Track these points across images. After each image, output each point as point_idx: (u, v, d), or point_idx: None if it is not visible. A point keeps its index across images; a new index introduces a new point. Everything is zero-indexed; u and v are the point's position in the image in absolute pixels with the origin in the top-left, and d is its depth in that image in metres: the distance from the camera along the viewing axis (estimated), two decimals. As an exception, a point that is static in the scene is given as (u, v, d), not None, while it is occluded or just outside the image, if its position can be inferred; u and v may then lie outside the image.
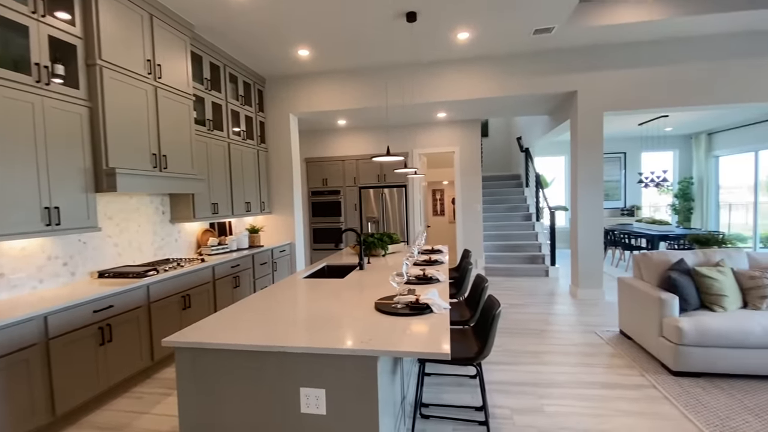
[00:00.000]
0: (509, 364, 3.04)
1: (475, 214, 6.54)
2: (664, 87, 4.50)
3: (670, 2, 3.88)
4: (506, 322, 4.03)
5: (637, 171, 9.15)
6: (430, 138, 6.60)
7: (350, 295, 2.21)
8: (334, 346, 1.45)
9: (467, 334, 2.18)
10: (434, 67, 4.90)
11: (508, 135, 9.71)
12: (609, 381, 2.72)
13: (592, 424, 2.22)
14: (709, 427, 2.15)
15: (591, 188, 4.75)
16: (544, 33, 4.15)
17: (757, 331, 2.59)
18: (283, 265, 5.10)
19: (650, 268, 3.26)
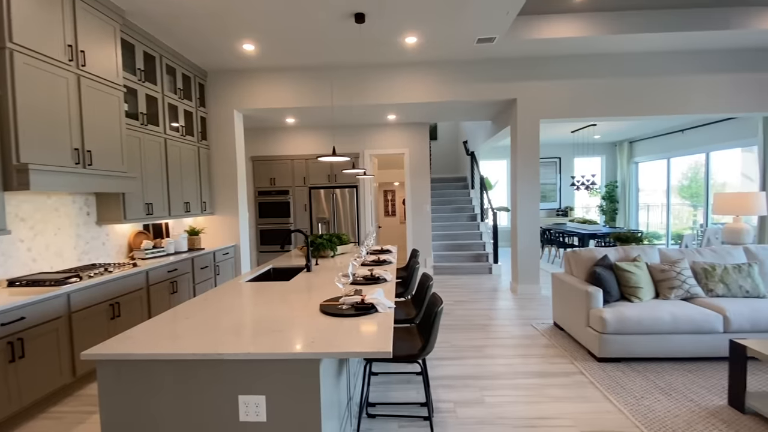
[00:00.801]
0: (455, 359, 3.15)
1: (424, 215, 6.71)
2: (594, 98, 4.92)
3: (599, 21, 4.25)
4: (453, 319, 4.18)
5: (570, 175, 9.91)
6: (381, 139, 6.66)
7: (295, 298, 2.17)
8: (274, 350, 1.41)
9: (412, 332, 2.24)
10: (384, 70, 4.96)
11: (455, 139, 10.08)
12: (543, 370, 2.92)
13: (527, 411, 2.37)
14: (626, 406, 2.39)
15: (529, 191, 5.07)
16: (487, 42, 4.36)
17: (666, 319, 2.93)
18: (226, 268, 4.87)
19: (579, 264, 3.55)
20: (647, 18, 4.20)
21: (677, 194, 8.85)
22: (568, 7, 4.14)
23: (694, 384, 2.65)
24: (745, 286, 3.19)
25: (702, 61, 4.79)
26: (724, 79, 4.80)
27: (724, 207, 4.24)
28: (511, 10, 3.67)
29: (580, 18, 4.27)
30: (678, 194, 8.87)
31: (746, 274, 3.23)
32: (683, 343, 2.95)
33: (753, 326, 2.92)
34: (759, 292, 3.18)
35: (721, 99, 4.81)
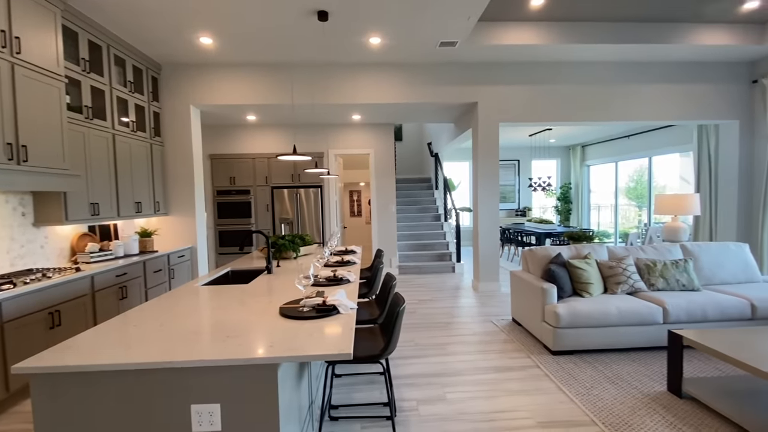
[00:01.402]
0: (418, 357, 3.19)
1: (389, 215, 6.74)
2: (549, 104, 5.16)
3: (553, 30, 4.46)
4: (417, 317, 4.23)
5: (528, 176, 10.34)
6: (345, 139, 6.62)
7: (254, 301, 2.10)
8: (229, 356, 1.36)
9: (375, 332, 2.23)
10: (349, 69, 4.93)
11: (420, 140, 10.22)
12: (501, 365, 3.02)
13: (486, 405, 2.44)
14: (577, 396, 2.52)
15: (489, 192, 5.24)
16: (449, 46, 4.45)
17: (613, 312, 3.12)
18: (182, 271, 4.65)
19: (535, 262, 3.71)
20: (597, 29, 4.47)
21: (624, 195, 9.48)
22: (525, 15, 4.31)
23: (637, 372, 2.84)
24: (682, 280, 3.47)
25: (645, 72, 5.16)
26: (664, 90, 5.19)
27: (664, 207, 4.59)
28: (472, 15, 3.77)
29: (536, 26, 4.46)
30: (625, 195, 9.49)
31: (683, 269, 3.51)
32: (629, 335, 3.15)
33: (689, 317, 3.18)
34: (693, 285, 3.47)
35: (661, 108, 5.20)
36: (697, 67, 5.21)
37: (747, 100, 5.26)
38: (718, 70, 5.23)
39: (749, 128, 5.28)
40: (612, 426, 2.19)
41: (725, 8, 4.22)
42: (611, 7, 4.16)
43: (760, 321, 3.24)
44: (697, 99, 5.22)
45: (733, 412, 2.17)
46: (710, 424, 2.18)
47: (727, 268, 3.75)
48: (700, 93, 5.22)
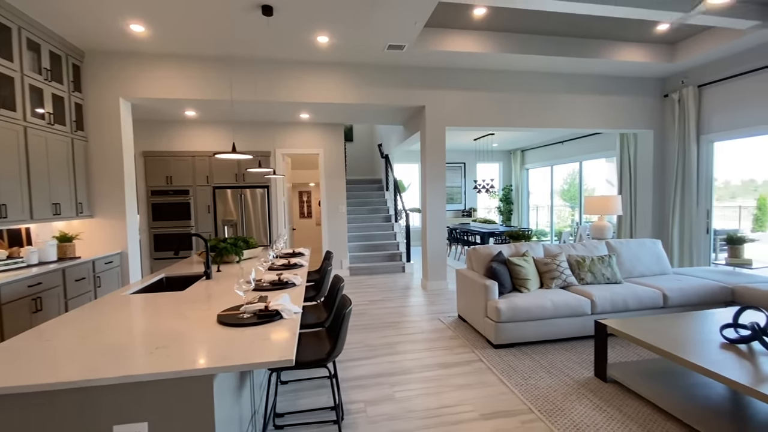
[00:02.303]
0: (367, 359, 3.18)
1: (340, 216, 6.68)
2: (492, 109, 5.42)
3: (494, 40, 4.69)
4: (367, 318, 4.22)
5: (473, 179, 10.79)
6: (294, 138, 6.46)
7: (190, 310, 1.97)
8: (157, 370, 1.25)
9: (321, 336, 2.19)
10: (296, 67, 4.81)
11: (371, 141, 10.26)
12: (447, 361, 3.11)
13: (432, 401, 2.50)
14: (516, 386, 2.66)
15: (436, 193, 5.38)
16: (397, 49, 4.51)
17: (548, 306, 3.34)
18: (110, 279, 4.25)
19: (478, 260, 3.87)
20: (532, 41, 4.77)
21: (559, 197, 10.23)
22: (469, 24, 4.49)
23: (569, 360, 3.06)
24: (606, 274, 3.81)
25: (575, 83, 5.60)
26: (591, 100, 5.67)
27: (592, 208, 5.01)
28: (418, 21, 3.85)
29: (479, 35, 4.67)
30: (560, 197, 10.24)
31: (607, 264, 3.86)
32: (562, 326, 3.40)
33: (612, 307, 3.49)
34: (616, 278, 3.82)
35: (589, 117, 5.68)
36: (619, 81, 5.76)
37: (660, 112, 5.91)
38: (636, 84, 5.82)
39: (662, 137, 5.94)
40: (546, 412, 2.33)
41: (642, 29, 4.70)
42: (544, 22, 4.46)
43: (671, 309, 3.65)
44: (619, 110, 5.77)
45: (649, 392, 2.42)
46: (631, 405, 2.40)
47: (644, 262, 4.18)
48: (621, 105, 5.78)
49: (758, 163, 8.89)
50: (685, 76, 5.58)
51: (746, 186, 9.67)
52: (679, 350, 2.23)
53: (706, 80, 5.29)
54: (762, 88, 4.67)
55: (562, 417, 2.28)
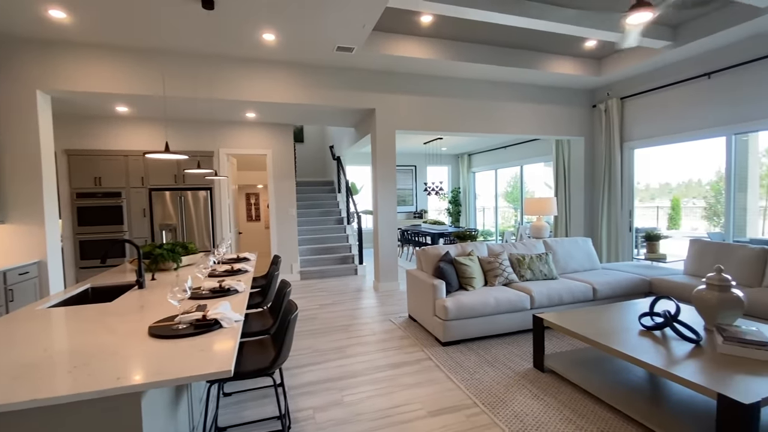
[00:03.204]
0: (317, 364, 3.13)
1: (290, 219, 6.52)
2: (439, 114, 5.58)
3: (441, 47, 4.84)
4: (317, 323, 4.15)
5: (423, 181, 11.05)
6: (239, 138, 6.20)
7: (118, 322, 1.81)
8: (75, 390, 1.14)
9: (266, 344, 2.12)
10: (241, 64, 4.63)
11: (322, 143, 10.13)
12: (398, 361, 3.15)
13: (382, 403, 2.51)
14: (463, 382, 2.76)
15: (387, 195, 5.44)
16: (346, 51, 4.50)
17: (491, 303, 3.50)
18: (25, 292, 3.79)
19: (427, 260, 3.96)
20: (477, 51, 4.99)
21: (503, 199, 10.78)
22: (417, 30, 4.60)
23: (511, 354, 3.23)
24: (544, 271, 4.07)
25: (516, 92, 5.94)
26: (530, 108, 6.05)
27: (531, 209, 5.34)
28: (367, 24, 3.87)
29: (427, 42, 4.79)
30: (504, 199, 10.80)
31: (544, 262, 4.12)
32: (504, 321, 3.57)
33: (549, 302, 3.73)
34: (553, 275, 4.10)
35: (527, 124, 6.06)
36: (554, 92, 6.20)
37: (589, 120, 6.45)
38: (569, 95, 6.30)
39: (591, 144, 6.48)
40: (490, 405, 2.44)
41: (573, 44, 5.10)
42: (488, 33, 4.69)
43: (600, 301, 3.98)
44: (554, 118, 6.21)
45: (580, 379, 2.61)
46: (565, 392, 2.58)
47: (576, 259, 4.53)
48: (556, 113, 6.22)
49: (672, 169, 10.00)
50: (609, 89, 6.14)
51: (663, 189, 10.83)
52: (603, 339, 2.43)
53: (627, 93, 5.86)
54: (674, 101, 5.27)
55: (504, 408, 2.40)
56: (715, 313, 2.43)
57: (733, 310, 2.40)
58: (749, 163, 5.45)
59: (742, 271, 3.76)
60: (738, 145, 4.81)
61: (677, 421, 2.09)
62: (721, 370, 1.97)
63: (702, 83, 4.90)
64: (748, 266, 3.73)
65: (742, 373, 1.94)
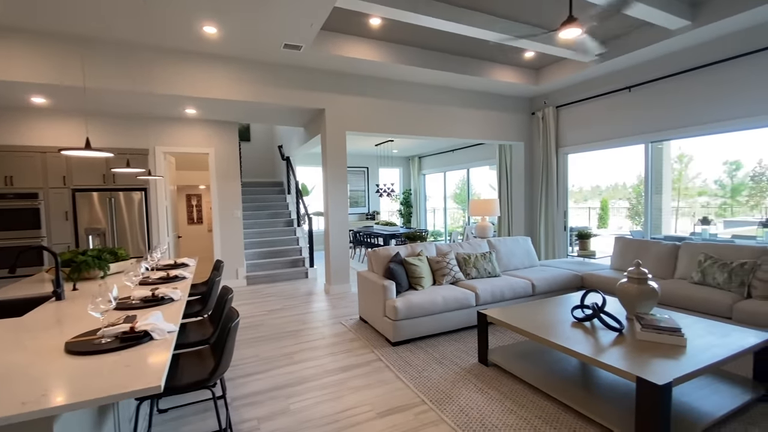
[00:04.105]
0: (263, 372, 3.01)
1: (235, 222, 6.22)
2: (389, 117, 5.64)
3: (389, 51, 4.89)
4: (264, 330, 4.00)
5: (375, 183, 11.11)
6: (178, 136, 5.81)
7: (30, 339, 1.61)
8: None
9: (204, 354, 2.00)
10: (180, 57, 4.34)
11: (271, 142, 9.81)
12: (348, 364, 3.12)
13: (331, 408, 2.47)
14: (411, 380, 2.79)
15: (339, 196, 5.39)
16: (294, 49, 4.40)
17: (439, 301, 3.59)
18: None
19: (378, 261, 3.98)
20: (424, 56, 5.12)
21: (453, 200, 11.15)
22: (367, 32, 4.61)
23: (458, 350, 3.33)
24: (488, 269, 4.26)
25: (461, 97, 6.17)
26: (474, 114, 6.31)
27: (476, 210, 5.57)
28: (315, 23, 3.81)
29: (376, 44, 4.82)
30: (453, 200, 11.17)
31: (488, 260, 4.31)
32: (452, 318, 3.68)
33: (493, 298, 3.91)
34: (496, 272, 4.30)
35: (472, 128, 6.31)
36: (498, 98, 6.53)
37: (529, 127, 6.86)
38: (511, 102, 6.66)
39: (530, 148, 6.90)
40: (437, 402, 2.50)
41: (514, 54, 5.40)
42: (435, 39, 4.82)
43: (538, 296, 4.24)
44: (497, 124, 6.54)
45: (520, 371, 2.76)
46: (507, 384, 2.71)
47: (517, 257, 4.79)
48: (499, 119, 6.55)
49: (602, 173, 10.91)
50: (546, 98, 6.59)
51: (594, 191, 11.82)
52: (540, 331, 2.59)
53: (562, 102, 6.32)
54: (602, 111, 5.76)
55: (451, 404, 2.47)
56: (634, 304, 2.69)
57: (649, 301, 2.67)
58: (663, 168, 6.11)
59: (657, 265, 4.20)
60: (654, 152, 5.37)
61: (605, 404, 2.28)
62: (640, 355, 2.18)
63: (624, 96, 5.42)
64: (662, 261, 4.17)
65: (658, 357, 2.15)
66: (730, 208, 9.37)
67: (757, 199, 8.91)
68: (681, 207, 9.79)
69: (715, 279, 3.52)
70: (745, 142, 5.95)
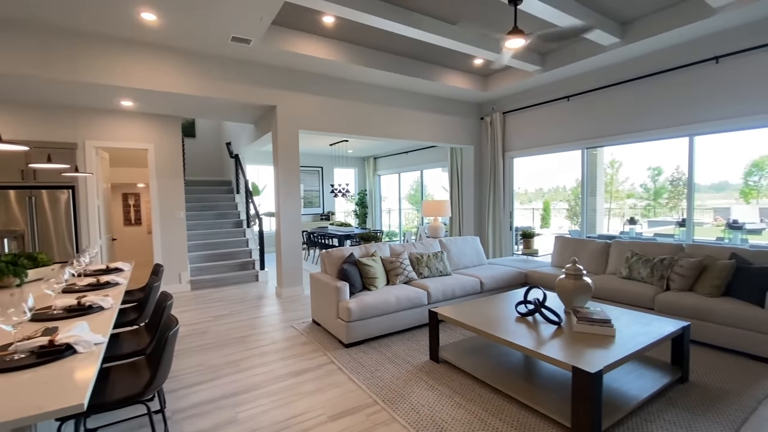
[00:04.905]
0: (208, 382, 2.85)
1: (177, 223, 5.84)
2: (343, 116, 5.59)
3: (343, 50, 4.85)
4: (209, 337, 3.79)
5: (330, 183, 10.99)
6: (113, 129, 5.35)
7: None
8: None
9: (139, 366, 1.85)
10: (117, 45, 4.00)
11: (218, 139, 9.35)
12: (299, 368, 3.04)
13: (281, 414, 2.39)
14: (364, 381, 2.79)
15: (291, 196, 5.25)
16: (243, 43, 4.22)
17: (392, 301, 3.62)
18: None
19: (331, 262, 3.93)
20: (378, 57, 5.14)
21: (407, 201, 11.31)
22: (321, 30, 4.53)
23: (410, 349, 3.38)
24: (440, 268, 4.37)
25: (414, 100, 6.28)
26: (427, 117, 6.45)
27: (428, 211, 5.70)
28: (265, 17, 3.69)
29: (330, 43, 4.76)
30: (408, 201, 11.34)
31: (440, 259, 4.42)
32: (405, 318, 3.73)
33: (444, 296, 4.01)
34: (447, 271, 4.42)
35: (425, 131, 6.45)
36: (449, 103, 6.72)
37: (478, 131, 7.14)
38: (462, 107, 6.90)
39: (480, 152, 7.18)
40: (389, 401, 2.51)
41: (464, 60, 5.59)
42: (388, 41, 4.86)
43: (486, 293, 4.42)
44: (449, 127, 6.74)
45: (469, 366, 2.85)
46: (457, 379, 2.79)
47: (467, 256, 4.96)
48: (451, 123, 6.76)
49: (544, 176, 11.58)
50: (494, 104, 6.90)
51: (537, 193, 12.55)
52: (486, 327, 2.70)
53: (508, 108, 6.65)
54: (544, 118, 6.14)
55: (403, 402, 2.49)
56: (571, 298, 2.88)
57: (584, 295, 2.87)
58: (598, 173, 6.64)
59: (591, 261, 4.55)
60: (589, 157, 5.82)
61: (545, 393, 2.42)
62: (575, 346, 2.34)
63: (563, 104, 5.82)
64: (596, 257, 4.53)
65: (591, 347, 2.33)
66: (653, 210, 10.42)
67: (675, 201, 9.95)
68: (612, 208, 10.72)
69: (640, 273, 3.88)
70: (665, 150, 6.64)
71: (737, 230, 6.66)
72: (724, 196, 9.38)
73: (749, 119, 4.04)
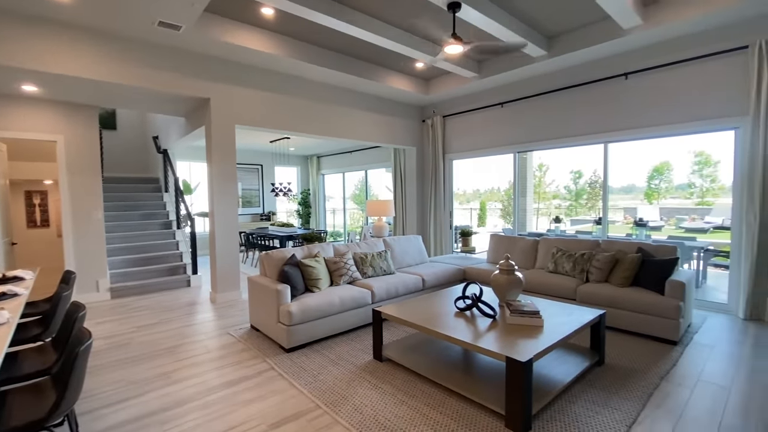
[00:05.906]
0: (131, 399, 2.58)
1: (94, 224, 5.23)
2: (284, 113, 5.40)
3: (284, 44, 4.69)
4: (132, 350, 3.45)
5: (271, 182, 10.59)
6: (12, 118, 4.65)
7: None
8: None
9: (44, 387, 1.62)
10: (18, 20, 3.47)
11: (143, 132, 8.55)
12: (236, 377, 2.88)
13: (216, 427, 2.24)
14: (306, 386, 2.71)
15: (227, 195, 4.96)
16: (172, 29, 3.90)
17: (336, 302, 3.57)
18: None
19: (271, 264, 3.78)
20: (319, 53, 5.05)
21: (352, 201, 11.27)
22: (259, 22, 4.33)
23: (354, 349, 3.36)
24: (384, 267, 4.40)
25: (359, 100, 6.27)
26: (371, 117, 6.48)
27: (372, 211, 5.73)
28: (197, 3, 3.44)
29: (271, 36, 4.58)
30: (353, 201, 11.30)
31: (384, 259, 4.46)
32: (349, 318, 3.70)
33: (388, 295, 4.05)
34: (391, 270, 4.47)
35: (368, 131, 6.47)
36: (393, 104, 6.81)
37: (420, 133, 7.33)
38: (405, 109, 7.02)
39: (422, 153, 7.37)
40: (332, 404, 2.47)
41: (406, 63, 5.69)
42: (331, 38, 4.79)
43: (428, 290, 4.54)
44: (392, 128, 6.83)
45: (411, 362, 2.90)
46: (400, 377, 2.83)
47: (410, 254, 5.06)
48: (394, 124, 6.85)
49: (481, 177, 12.19)
50: (435, 107, 7.12)
51: (475, 194, 13.17)
52: (427, 323, 2.77)
53: (448, 112, 6.90)
54: (481, 123, 6.46)
55: (346, 404, 2.46)
56: (505, 292, 3.06)
57: (516, 289, 3.07)
58: (528, 175, 7.13)
59: (522, 257, 4.88)
60: (520, 161, 6.24)
61: (482, 384, 2.54)
62: (509, 337, 2.48)
63: (498, 110, 6.17)
64: (526, 253, 4.87)
65: (522, 337, 2.49)
66: (575, 209, 11.47)
67: (592, 202, 11.04)
68: (540, 208, 11.62)
69: (564, 267, 4.24)
70: (585, 156, 7.30)
71: (642, 227, 7.55)
72: (632, 197, 10.63)
73: (653, 129, 4.61)
